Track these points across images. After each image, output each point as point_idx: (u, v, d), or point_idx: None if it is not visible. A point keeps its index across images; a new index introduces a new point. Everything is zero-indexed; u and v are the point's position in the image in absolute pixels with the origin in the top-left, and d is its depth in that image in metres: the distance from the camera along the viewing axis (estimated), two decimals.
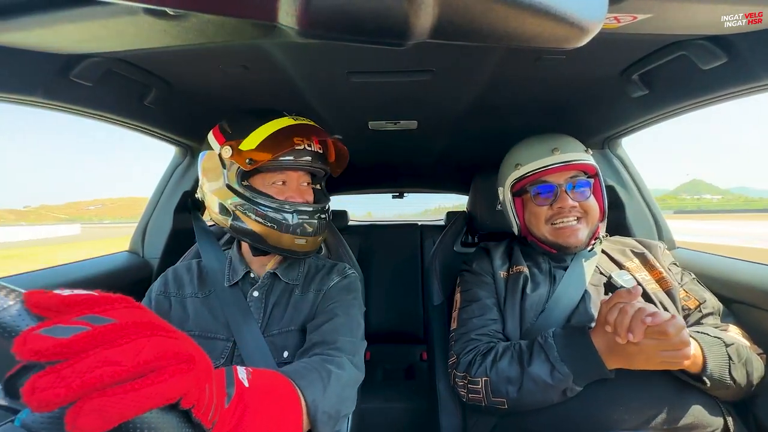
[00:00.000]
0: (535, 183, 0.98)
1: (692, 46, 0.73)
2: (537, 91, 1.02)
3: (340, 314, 0.82)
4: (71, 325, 0.30)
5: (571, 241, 0.94)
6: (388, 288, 2.12)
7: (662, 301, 0.89)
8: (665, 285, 0.92)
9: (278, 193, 0.84)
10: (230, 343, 0.80)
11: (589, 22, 0.30)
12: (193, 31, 0.63)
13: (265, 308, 0.85)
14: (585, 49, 0.34)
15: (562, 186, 0.95)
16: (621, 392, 0.76)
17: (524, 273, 0.98)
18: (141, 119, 1.07)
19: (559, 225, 0.96)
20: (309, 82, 0.94)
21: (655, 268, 0.96)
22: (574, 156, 0.95)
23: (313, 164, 0.86)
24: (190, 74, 0.90)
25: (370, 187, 2.65)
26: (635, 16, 0.58)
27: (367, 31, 0.26)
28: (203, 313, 0.84)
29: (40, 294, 0.31)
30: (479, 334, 0.92)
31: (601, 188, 1.00)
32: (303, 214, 0.83)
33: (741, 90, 0.79)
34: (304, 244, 0.84)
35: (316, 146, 0.86)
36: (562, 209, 0.94)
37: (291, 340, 0.81)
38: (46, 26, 0.60)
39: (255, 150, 0.80)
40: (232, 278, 0.88)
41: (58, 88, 0.80)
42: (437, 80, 0.92)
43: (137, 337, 0.31)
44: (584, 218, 0.95)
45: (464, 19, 0.27)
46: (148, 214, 1.40)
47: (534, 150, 0.99)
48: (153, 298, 0.88)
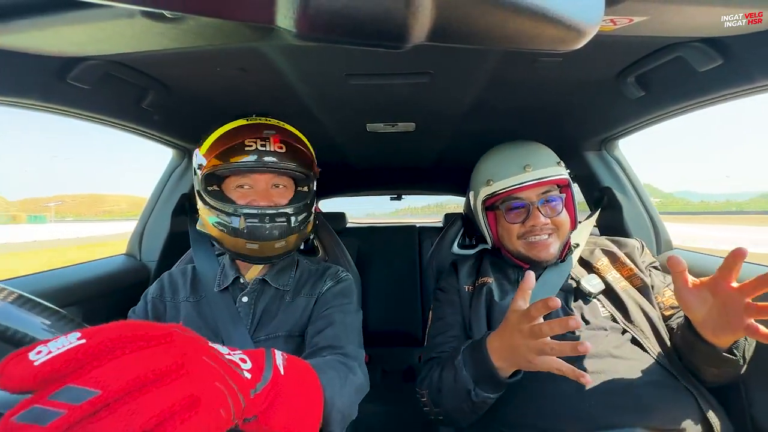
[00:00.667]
0: (506, 200, 0.98)
1: (688, 48, 0.73)
2: (534, 93, 1.02)
3: (339, 321, 0.82)
4: (48, 406, 0.26)
5: (542, 256, 0.95)
6: (387, 290, 2.11)
7: (634, 297, 0.90)
8: (636, 282, 0.94)
9: (241, 196, 0.83)
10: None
11: (586, 25, 0.30)
12: (191, 34, 0.63)
13: (254, 314, 0.85)
14: (582, 51, 0.34)
15: (534, 203, 0.95)
16: (594, 389, 0.76)
17: (488, 284, 1.00)
18: (138, 122, 1.07)
19: (531, 240, 0.96)
20: (307, 84, 0.94)
21: (626, 266, 0.97)
22: (546, 172, 0.95)
23: (274, 165, 0.82)
24: (187, 77, 0.90)
25: (368, 189, 2.66)
26: (631, 19, 0.58)
27: (366, 34, 0.26)
28: (194, 317, 0.84)
29: (10, 371, 0.26)
30: (439, 352, 0.94)
31: (572, 198, 1.01)
32: (252, 218, 0.79)
33: (736, 91, 0.79)
34: (256, 249, 0.81)
35: (274, 146, 0.82)
36: (534, 227, 0.94)
37: (279, 346, 0.80)
38: (43, 29, 0.60)
39: (205, 154, 0.81)
40: (222, 283, 0.88)
41: (55, 90, 0.80)
42: (435, 82, 0.92)
43: (128, 404, 0.27)
44: (555, 233, 0.96)
45: (462, 22, 0.27)
46: (145, 217, 1.39)
47: (506, 166, 0.98)
48: (149, 301, 0.88)
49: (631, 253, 1.00)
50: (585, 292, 0.92)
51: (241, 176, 0.84)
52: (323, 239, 1.26)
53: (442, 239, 1.40)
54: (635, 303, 0.90)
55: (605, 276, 0.95)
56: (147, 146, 50.01)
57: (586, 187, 1.44)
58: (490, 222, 1.05)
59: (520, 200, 0.96)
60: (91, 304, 1.06)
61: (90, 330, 0.29)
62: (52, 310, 0.34)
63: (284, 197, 0.87)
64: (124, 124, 1.04)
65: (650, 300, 0.91)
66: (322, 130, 1.31)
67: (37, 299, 0.34)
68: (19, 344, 0.32)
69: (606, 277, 0.94)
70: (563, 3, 0.28)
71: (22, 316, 0.32)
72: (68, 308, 0.94)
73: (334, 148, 1.56)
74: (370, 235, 2.30)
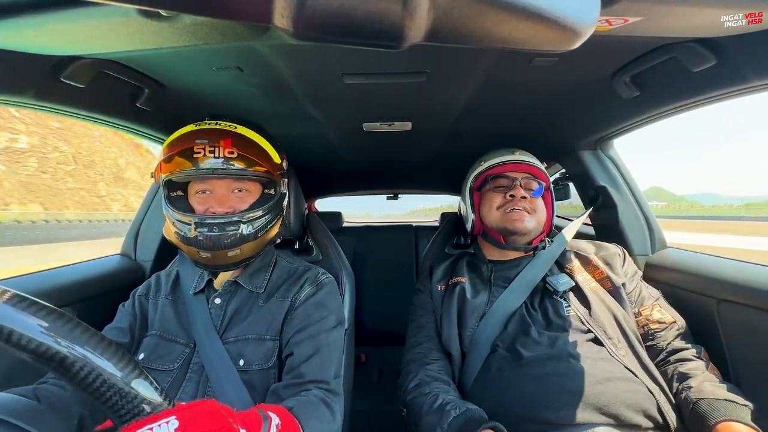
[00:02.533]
0: (495, 177, 1.11)
1: (682, 48, 0.74)
2: (530, 92, 1.03)
3: (324, 344, 0.82)
4: None
5: (518, 226, 1.03)
6: (384, 289, 2.12)
7: (603, 297, 0.94)
8: (607, 285, 0.98)
9: (201, 202, 0.83)
10: (189, 348, 0.81)
11: (582, 25, 0.30)
12: (187, 33, 0.63)
13: (224, 315, 0.85)
14: (577, 51, 0.35)
15: (518, 180, 1.07)
16: (554, 390, 0.80)
17: (461, 283, 1.06)
18: (133, 121, 1.06)
19: (509, 210, 1.04)
20: (303, 83, 0.94)
21: (598, 269, 1.02)
22: (531, 159, 1.10)
23: (223, 171, 0.79)
24: (183, 76, 0.90)
25: (365, 189, 2.66)
26: (627, 19, 0.59)
27: (362, 34, 0.26)
28: (169, 316, 0.86)
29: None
30: (412, 356, 1.01)
31: (552, 200, 1.11)
32: (201, 227, 0.77)
33: (730, 92, 0.80)
34: (209, 258, 0.79)
35: (225, 151, 0.78)
36: (513, 197, 1.05)
37: (247, 349, 0.80)
38: (37, 27, 0.60)
39: (162, 161, 0.80)
40: (197, 286, 0.89)
41: (49, 89, 0.79)
42: (431, 82, 0.92)
43: None
44: (533, 214, 1.05)
45: (458, 22, 0.27)
46: (140, 217, 1.38)
47: (497, 152, 1.14)
48: (136, 299, 0.91)
49: (609, 258, 1.04)
50: (551, 290, 0.96)
51: (200, 182, 0.83)
52: (317, 239, 1.26)
53: (436, 238, 1.40)
54: (602, 303, 0.93)
55: (575, 276, 0.99)
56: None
57: (581, 186, 1.45)
58: (476, 202, 1.15)
59: (506, 179, 1.09)
60: (86, 304, 1.06)
61: (185, 415, 0.37)
62: (49, 309, 0.34)
63: (245, 202, 0.85)
64: (119, 122, 1.04)
65: (621, 302, 0.94)
66: (318, 130, 1.31)
67: (35, 299, 0.34)
68: (16, 345, 0.32)
69: (576, 277, 0.99)
70: (559, 3, 0.28)
71: (19, 317, 0.32)
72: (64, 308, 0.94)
73: (331, 147, 1.55)
74: (367, 234, 2.30)
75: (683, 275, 1.06)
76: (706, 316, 0.96)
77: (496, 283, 1.04)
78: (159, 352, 0.81)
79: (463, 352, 0.96)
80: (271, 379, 0.79)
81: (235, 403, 0.72)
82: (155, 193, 1.38)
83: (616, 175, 1.33)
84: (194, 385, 0.77)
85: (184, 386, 0.77)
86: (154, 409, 0.36)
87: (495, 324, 0.94)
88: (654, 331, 0.93)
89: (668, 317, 0.94)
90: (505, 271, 1.06)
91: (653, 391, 0.79)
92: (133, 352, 0.83)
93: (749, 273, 0.92)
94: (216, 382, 0.75)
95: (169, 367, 0.79)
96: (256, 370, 0.78)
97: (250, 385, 0.76)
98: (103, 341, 0.35)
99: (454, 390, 0.91)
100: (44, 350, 0.32)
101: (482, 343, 0.93)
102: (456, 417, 0.77)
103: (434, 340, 1.02)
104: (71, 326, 0.34)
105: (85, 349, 0.34)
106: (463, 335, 0.97)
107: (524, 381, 0.83)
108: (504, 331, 0.93)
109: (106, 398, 0.34)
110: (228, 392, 0.74)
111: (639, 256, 1.23)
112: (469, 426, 0.74)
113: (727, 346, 0.92)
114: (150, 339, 0.84)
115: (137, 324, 0.87)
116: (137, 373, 0.36)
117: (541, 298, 0.97)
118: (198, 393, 0.76)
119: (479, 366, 0.91)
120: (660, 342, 0.91)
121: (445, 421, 0.77)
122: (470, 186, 1.16)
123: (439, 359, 0.98)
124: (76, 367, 0.33)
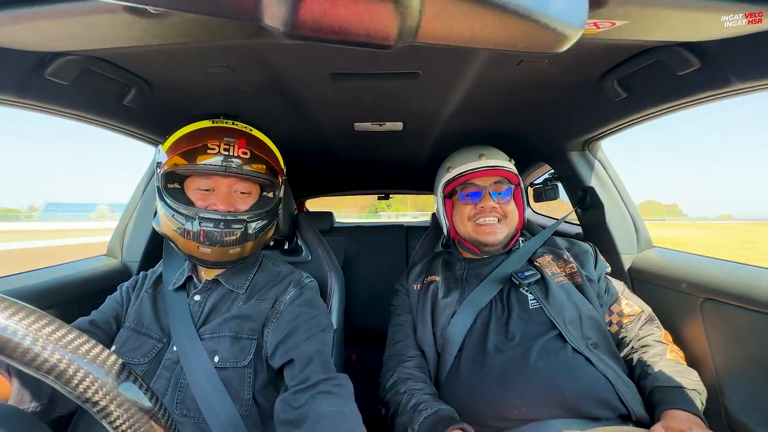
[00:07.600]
0: (464, 185, 1.09)
1: (667, 52, 0.76)
2: (520, 93, 1.04)
3: (321, 343, 0.82)
4: None
5: (490, 239, 1.04)
6: (375, 289, 2.11)
7: (568, 291, 0.96)
8: (576, 279, 1.00)
9: (201, 198, 0.83)
10: (161, 344, 0.82)
11: (571, 28, 0.30)
12: (176, 30, 0.62)
13: (202, 311, 0.85)
14: (566, 53, 0.35)
15: (486, 189, 1.06)
16: (516, 387, 0.82)
17: (435, 282, 1.09)
18: (120, 119, 1.04)
19: (480, 222, 1.05)
20: (293, 82, 0.93)
21: (569, 264, 1.04)
22: (498, 162, 1.07)
23: (236, 170, 0.80)
24: (171, 74, 0.88)
25: (355, 189, 2.65)
26: (614, 22, 0.60)
27: (354, 34, 0.26)
28: (146, 310, 0.87)
29: None
30: (390, 353, 1.04)
31: (522, 198, 1.11)
32: (207, 222, 0.78)
33: (714, 95, 0.81)
34: (209, 253, 0.81)
35: (239, 151, 0.80)
36: (483, 209, 1.04)
37: (222, 346, 0.80)
38: (20, 22, 0.58)
39: (167, 151, 0.81)
40: (176, 282, 0.89)
41: (32, 86, 0.77)
42: (422, 82, 0.92)
43: None
44: (504, 220, 1.05)
45: (449, 24, 0.28)
46: (127, 217, 1.36)
47: (463, 156, 1.11)
48: (123, 290, 0.93)
49: (580, 254, 1.07)
50: (517, 283, 0.98)
51: (204, 178, 0.83)
52: (307, 239, 1.25)
53: (425, 239, 1.41)
54: (567, 297, 0.95)
55: (544, 270, 1.01)
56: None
57: (569, 186, 1.47)
58: (448, 209, 1.14)
59: (474, 186, 1.07)
60: (70, 306, 1.03)
61: None
62: (29, 310, 0.33)
63: (246, 203, 0.86)
64: (105, 121, 1.01)
65: (588, 297, 0.96)
66: (309, 129, 1.30)
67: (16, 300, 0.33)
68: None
69: (544, 271, 1.01)
70: (548, 6, 0.28)
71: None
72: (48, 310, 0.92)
73: (321, 147, 1.55)
74: (358, 234, 2.30)
75: (668, 274, 1.09)
76: (689, 314, 0.99)
77: (468, 280, 1.05)
78: (130, 344, 0.81)
79: (438, 351, 0.98)
80: (247, 378, 0.79)
81: (211, 396, 0.73)
82: (142, 192, 1.36)
83: (604, 176, 1.35)
84: (165, 382, 0.77)
85: (153, 383, 0.77)
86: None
87: (465, 321, 0.96)
88: (626, 324, 0.98)
89: (636, 308, 0.99)
90: (479, 269, 1.07)
91: (614, 382, 0.81)
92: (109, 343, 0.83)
93: (733, 272, 0.94)
94: (192, 375, 0.76)
95: (139, 361, 0.79)
96: (231, 368, 0.79)
97: (227, 382, 0.77)
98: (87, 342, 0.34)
99: (430, 387, 0.93)
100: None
101: (453, 341, 0.95)
102: (426, 417, 0.81)
103: (412, 338, 1.05)
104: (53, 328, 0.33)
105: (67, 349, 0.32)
106: (436, 333, 0.99)
107: (488, 380, 0.85)
108: (473, 327, 0.95)
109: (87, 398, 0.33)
110: (204, 386, 0.74)
111: (625, 255, 1.26)
112: (438, 427, 0.77)
113: (710, 344, 0.94)
114: (123, 332, 0.84)
115: (122, 315, 0.88)
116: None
117: (509, 292, 0.99)
118: (168, 390, 0.76)
119: (450, 364, 0.94)
120: (629, 333, 0.97)
121: (416, 422, 0.81)
122: (441, 194, 1.15)
123: (415, 356, 1.00)
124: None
